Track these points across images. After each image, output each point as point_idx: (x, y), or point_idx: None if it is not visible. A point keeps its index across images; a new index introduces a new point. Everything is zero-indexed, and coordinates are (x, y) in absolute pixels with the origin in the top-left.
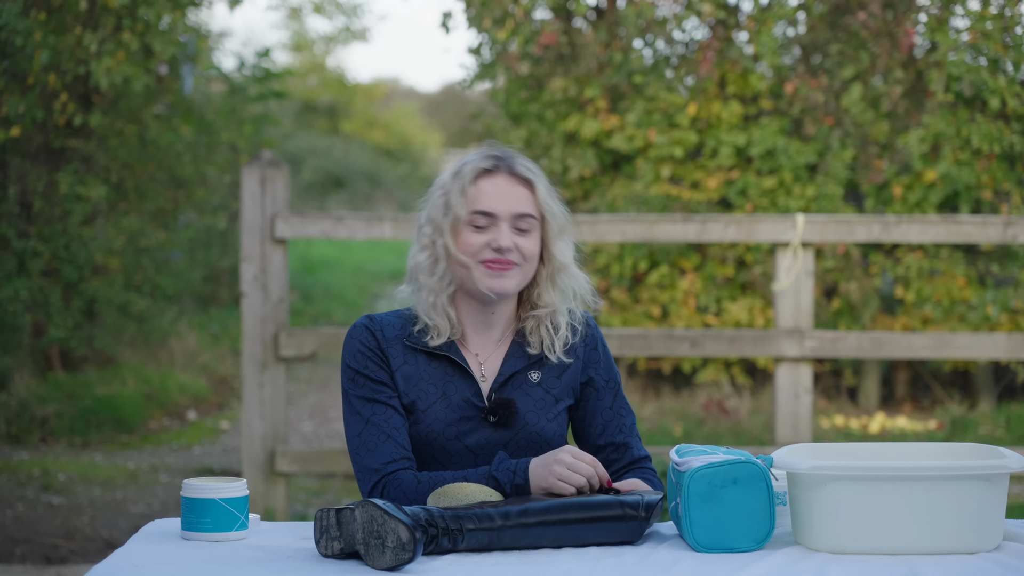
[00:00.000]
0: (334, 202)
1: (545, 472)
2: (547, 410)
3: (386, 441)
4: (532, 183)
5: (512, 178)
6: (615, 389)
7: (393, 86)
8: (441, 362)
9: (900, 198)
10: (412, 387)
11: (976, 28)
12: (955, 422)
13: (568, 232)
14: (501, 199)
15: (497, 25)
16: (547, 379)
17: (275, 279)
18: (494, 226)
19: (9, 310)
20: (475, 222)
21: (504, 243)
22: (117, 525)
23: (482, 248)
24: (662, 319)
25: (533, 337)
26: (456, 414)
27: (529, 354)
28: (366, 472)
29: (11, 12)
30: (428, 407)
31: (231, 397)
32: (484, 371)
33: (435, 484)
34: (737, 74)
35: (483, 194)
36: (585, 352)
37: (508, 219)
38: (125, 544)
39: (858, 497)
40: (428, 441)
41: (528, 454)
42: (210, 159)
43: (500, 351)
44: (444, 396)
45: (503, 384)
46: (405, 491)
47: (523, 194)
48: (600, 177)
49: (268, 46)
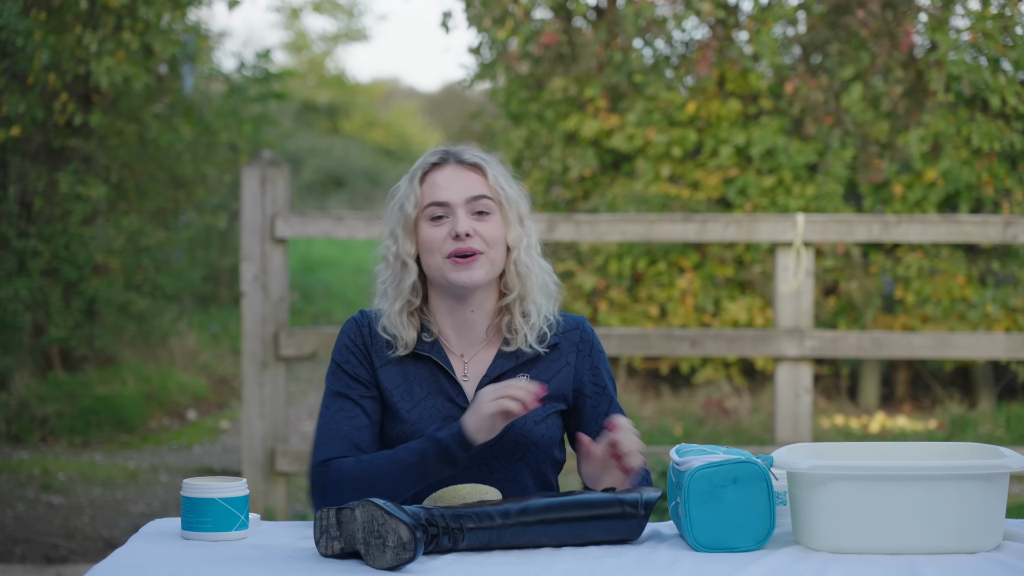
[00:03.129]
0: (334, 202)
1: (479, 412)
2: (535, 412)
3: (340, 439)
4: (482, 167)
5: (461, 166)
6: (610, 397)
7: (393, 86)
8: (427, 362)
9: (900, 197)
10: (397, 385)
11: (976, 28)
12: (955, 422)
13: (528, 217)
14: (452, 187)
15: (497, 25)
16: (536, 381)
17: (275, 279)
18: (451, 215)
19: (9, 310)
20: (431, 215)
21: (461, 228)
22: (117, 525)
23: (444, 240)
24: (660, 318)
25: (511, 333)
26: (440, 415)
27: (516, 355)
28: (311, 467)
29: (11, 12)
30: (413, 407)
31: (231, 397)
32: (468, 371)
33: (376, 464)
34: (737, 73)
35: (433, 187)
36: (578, 358)
37: (462, 204)
38: (125, 544)
39: (858, 497)
40: None
41: (515, 457)
42: (210, 159)
43: (487, 352)
44: (428, 396)
45: (489, 384)
46: (346, 472)
47: (474, 179)
48: (600, 177)
49: (268, 47)
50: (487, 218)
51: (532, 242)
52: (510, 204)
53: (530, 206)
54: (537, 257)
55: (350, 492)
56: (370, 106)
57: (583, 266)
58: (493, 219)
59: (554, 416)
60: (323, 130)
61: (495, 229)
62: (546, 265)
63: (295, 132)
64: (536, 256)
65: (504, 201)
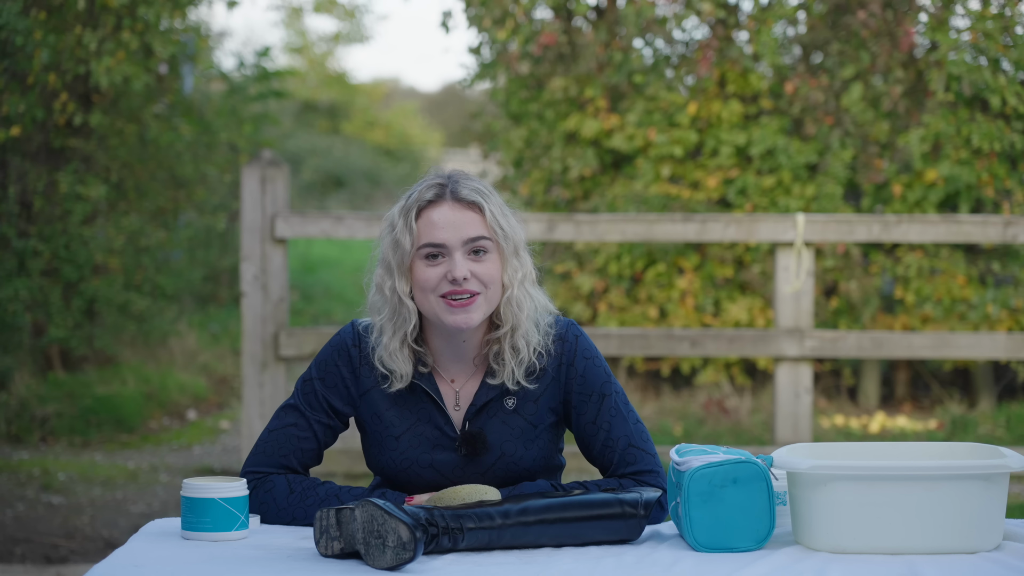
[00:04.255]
0: (334, 202)
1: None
2: (524, 437)
3: (280, 457)
4: (479, 205)
5: (458, 204)
6: (598, 402)
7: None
8: (418, 389)
9: (900, 197)
10: (386, 409)
11: (976, 28)
12: (955, 422)
13: (523, 248)
14: (448, 228)
15: (497, 25)
16: (523, 405)
17: (275, 279)
18: (447, 257)
19: (9, 310)
20: (427, 254)
21: (459, 273)
22: (117, 525)
23: (439, 282)
24: (660, 319)
25: (497, 364)
26: (429, 443)
27: (500, 384)
28: (244, 470)
29: (11, 11)
30: (402, 434)
31: (231, 397)
32: (459, 400)
33: (307, 501)
34: (737, 73)
35: (430, 226)
36: (559, 371)
37: (459, 247)
38: (125, 544)
39: (858, 497)
40: (403, 468)
41: (505, 483)
42: (210, 159)
43: (476, 379)
44: (418, 423)
45: (477, 413)
46: (275, 496)
47: (472, 219)
48: (600, 177)
49: (268, 45)
50: (484, 257)
51: (527, 272)
52: (506, 241)
53: (524, 230)
54: (531, 288)
55: (274, 516)
56: (370, 106)
57: (582, 267)
58: (490, 257)
59: (546, 432)
60: (323, 130)
61: (492, 268)
62: (540, 295)
63: (295, 132)
64: (530, 287)
65: (501, 240)
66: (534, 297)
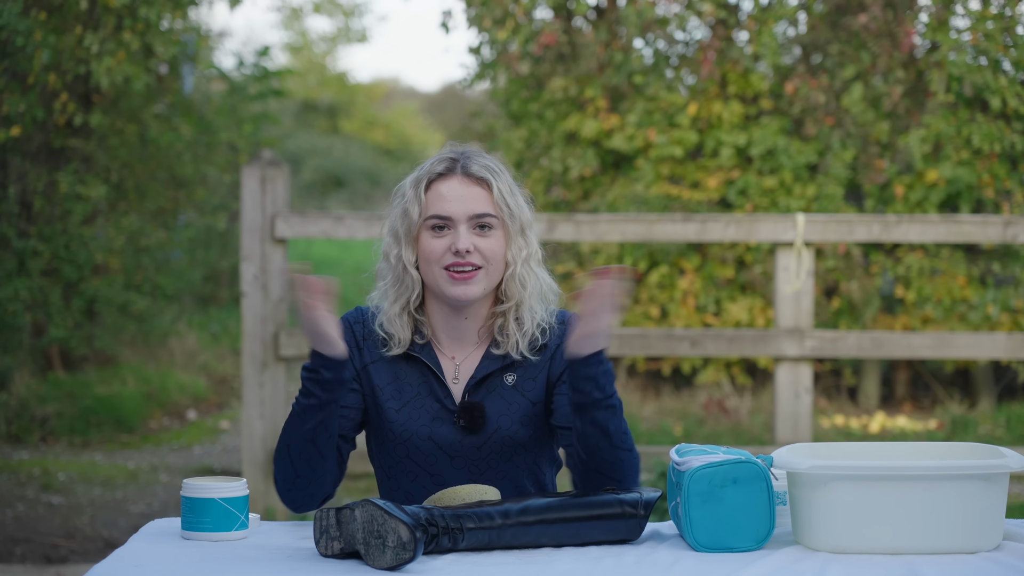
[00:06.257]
0: (334, 202)
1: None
2: (521, 414)
3: None
4: (488, 182)
5: (467, 179)
6: None
7: (393, 86)
8: (417, 363)
9: (901, 198)
10: (387, 384)
11: (977, 28)
12: (955, 422)
13: (531, 227)
14: (456, 201)
15: (497, 25)
16: (523, 381)
17: (275, 279)
18: (452, 229)
19: (9, 310)
20: (432, 225)
21: (462, 245)
22: (117, 525)
23: (443, 253)
24: (661, 319)
25: (502, 336)
26: (429, 415)
27: (502, 356)
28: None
29: (11, 12)
30: (402, 406)
31: (231, 397)
32: (459, 373)
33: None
34: (738, 74)
35: (438, 198)
36: (559, 349)
37: (465, 221)
38: (125, 544)
39: (858, 497)
40: (403, 440)
41: (502, 458)
42: (210, 159)
43: (477, 353)
44: (418, 396)
45: (476, 387)
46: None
47: (479, 194)
48: (600, 177)
49: (267, 45)
50: (488, 233)
51: (532, 251)
52: (512, 219)
53: (533, 211)
54: (536, 267)
55: (277, 459)
56: (370, 106)
57: (583, 268)
58: (495, 234)
59: (543, 411)
60: (323, 130)
61: (495, 245)
62: (545, 275)
63: (295, 132)
64: (535, 266)
65: (507, 218)
66: (539, 276)
